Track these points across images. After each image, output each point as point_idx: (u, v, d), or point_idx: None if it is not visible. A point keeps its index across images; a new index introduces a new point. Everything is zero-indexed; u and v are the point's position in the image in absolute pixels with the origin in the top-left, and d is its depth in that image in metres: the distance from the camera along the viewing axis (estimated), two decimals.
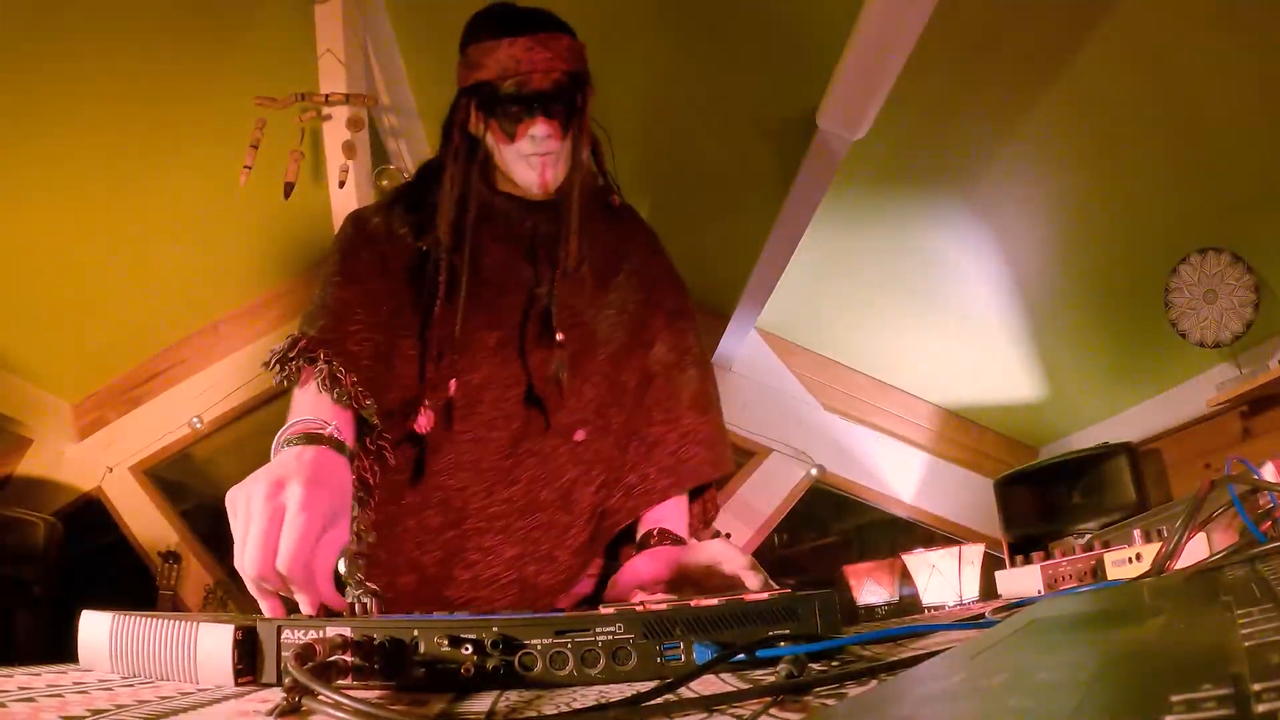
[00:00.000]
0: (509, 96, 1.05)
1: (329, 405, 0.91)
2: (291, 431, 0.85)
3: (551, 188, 1.09)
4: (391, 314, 1.07)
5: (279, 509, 0.71)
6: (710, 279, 3.24)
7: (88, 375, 3.24)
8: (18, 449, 3.20)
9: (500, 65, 1.04)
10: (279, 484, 0.73)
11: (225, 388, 3.28)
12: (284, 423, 0.87)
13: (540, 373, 1.11)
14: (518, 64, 1.04)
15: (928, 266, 2.92)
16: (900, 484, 3.62)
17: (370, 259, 1.09)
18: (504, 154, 1.09)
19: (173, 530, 3.23)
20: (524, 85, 1.04)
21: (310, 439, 0.83)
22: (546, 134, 1.04)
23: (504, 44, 1.05)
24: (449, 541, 1.05)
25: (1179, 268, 2.50)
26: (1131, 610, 0.40)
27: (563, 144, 1.07)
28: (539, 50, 1.05)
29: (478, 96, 1.08)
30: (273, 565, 0.68)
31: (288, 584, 0.68)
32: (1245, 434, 2.63)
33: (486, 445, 1.09)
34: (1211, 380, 2.62)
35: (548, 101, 1.05)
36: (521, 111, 1.05)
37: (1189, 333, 2.52)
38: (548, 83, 1.04)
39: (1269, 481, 0.74)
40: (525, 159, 1.07)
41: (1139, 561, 1.10)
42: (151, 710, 0.44)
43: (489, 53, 1.06)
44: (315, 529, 0.72)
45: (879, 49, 1.83)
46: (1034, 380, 3.24)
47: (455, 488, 1.07)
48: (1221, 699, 0.17)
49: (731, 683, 0.51)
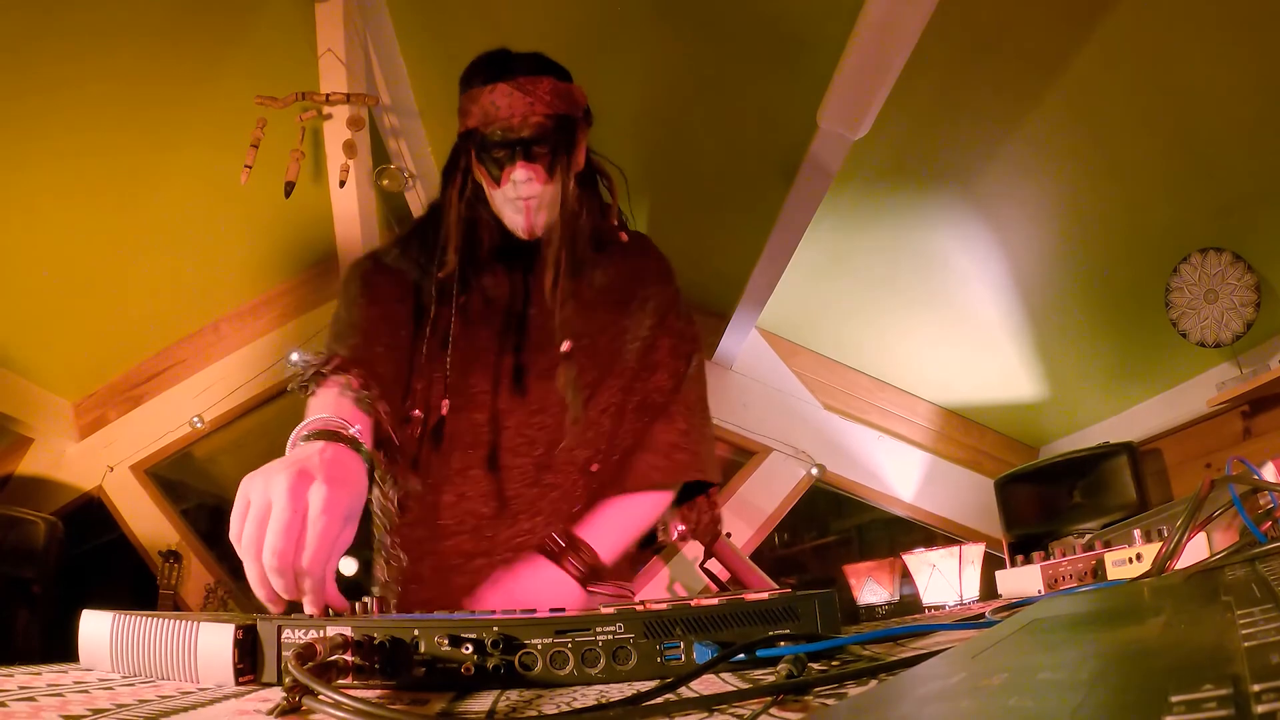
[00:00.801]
0: (492, 142, 1.08)
1: (350, 408, 0.94)
2: (311, 427, 0.86)
3: (538, 231, 1.13)
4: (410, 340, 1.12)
5: (303, 504, 0.71)
6: (711, 278, 3.25)
7: (88, 374, 3.24)
8: (18, 448, 3.21)
9: (483, 112, 1.08)
10: (303, 477, 0.73)
11: (226, 387, 3.28)
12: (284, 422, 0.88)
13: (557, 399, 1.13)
14: (498, 110, 1.07)
15: (928, 266, 2.92)
16: (900, 483, 3.62)
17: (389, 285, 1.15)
18: (494, 198, 1.13)
19: (173, 529, 3.23)
20: (505, 130, 1.07)
21: (331, 436, 0.84)
22: (527, 178, 1.07)
23: (485, 91, 1.09)
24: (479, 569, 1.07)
25: (1180, 267, 2.50)
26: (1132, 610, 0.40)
27: (547, 187, 1.10)
28: (518, 95, 1.08)
29: (470, 143, 1.12)
30: (291, 560, 0.68)
31: (300, 581, 0.68)
32: (1246, 434, 2.63)
33: (511, 472, 1.11)
34: (1212, 380, 2.62)
35: (528, 145, 1.08)
36: (504, 156, 1.08)
37: (1190, 332, 2.52)
38: (527, 128, 1.07)
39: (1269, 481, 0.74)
40: (511, 203, 1.11)
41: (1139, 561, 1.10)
42: (152, 709, 0.44)
43: (474, 100, 1.10)
44: (335, 531, 0.72)
45: (879, 49, 1.83)
46: (1034, 380, 3.24)
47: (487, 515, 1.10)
48: (1221, 699, 0.17)
49: (732, 682, 0.51)
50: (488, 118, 1.08)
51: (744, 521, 3.39)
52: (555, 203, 1.12)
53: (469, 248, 1.15)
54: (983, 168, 2.47)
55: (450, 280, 1.13)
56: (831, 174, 2.26)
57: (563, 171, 1.11)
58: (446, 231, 1.14)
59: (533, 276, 1.18)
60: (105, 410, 3.29)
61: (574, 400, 1.11)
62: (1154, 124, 2.17)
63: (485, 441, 1.12)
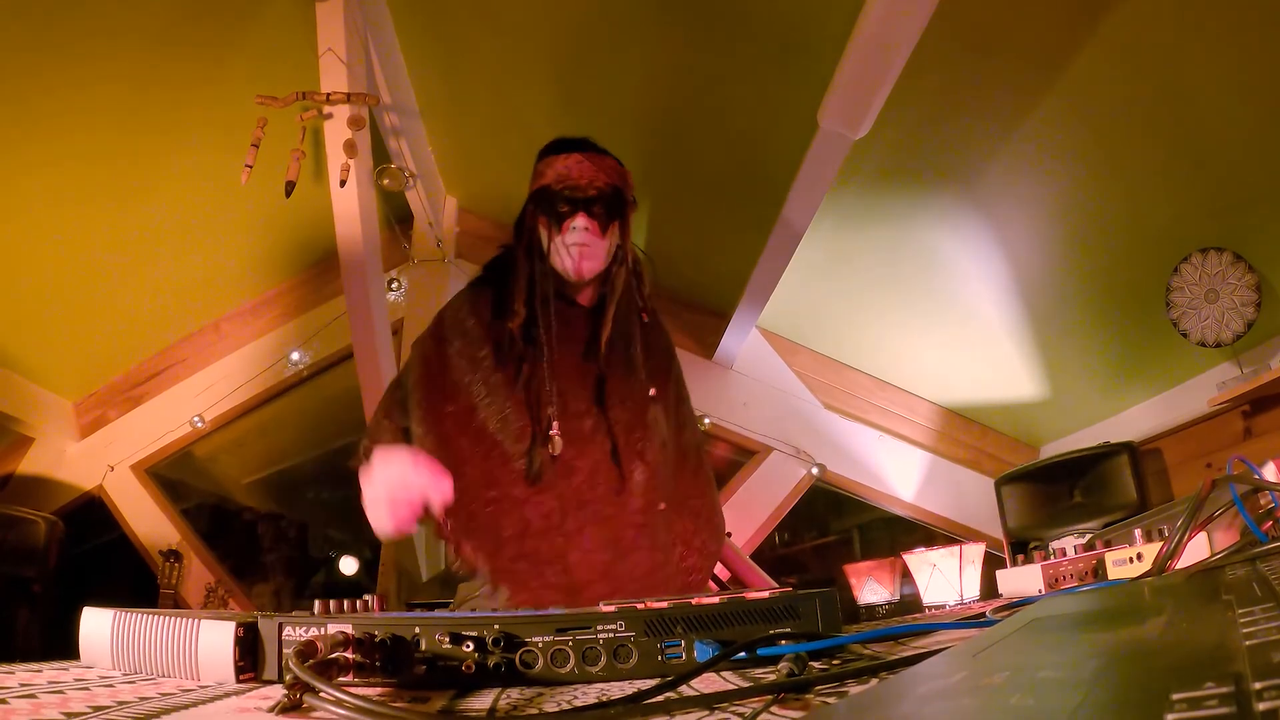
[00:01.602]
0: (558, 196, 1.32)
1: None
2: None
3: (586, 274, 1.34)
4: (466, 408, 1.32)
5: None
6: (711, 278, 3.25)
7: (89, 374, 3.24)
8: (19, 448, 3.21)
9: (556, 173, 1.33)
10: None
11: (226, 386, 3.28)
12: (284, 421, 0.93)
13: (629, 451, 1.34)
14: (569, 171, 1.33)
15: (929, 265, 2.92)
16: (901, 483, 3.62)
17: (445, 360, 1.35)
18: (552, 244, 1.34)
19: (174, 529, 3.23)
20: (572, 189, 1.32)
21: None
22: (584, 226, 1.31)
23: (561, 158, 1.35)
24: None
25: (1180, 267, 2.50)
26: (1133, 609, 0.40)
27: (599, 240, 1.33)
28: (587, 164, 1.34)
29: (539, 200, 1.34)
30: None
31: None
32: (1246, 433, 2.63)
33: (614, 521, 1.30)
34: (1213, 380, 2.62)
35: (590, 203, 1.32)
36: (568, 209, 1.32)
37: (1190, 332, 2.52)
38: (591, 189, 1.32)
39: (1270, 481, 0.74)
40: (567, 248, 1.32)
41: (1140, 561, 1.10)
42: (153, 707, 0.44)
43: (550, 165, 1.35)
44: None
45: (880, 48, 1.83)
46: (1035, 379, 3.24)
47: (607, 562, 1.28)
48: (1223, 697, 0.17)
49: (733, 681, 0.51)
50: (560, 178, 1.32)
51: (744, 521, 3.39)
52: (603, 256, 1.34)
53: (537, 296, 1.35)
54: (983, 167, 2.47)
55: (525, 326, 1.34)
56: (832, 173, 2.26)
57: (614, 233, 1.35)
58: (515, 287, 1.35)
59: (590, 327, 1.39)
60: (106, 410, 3.29)
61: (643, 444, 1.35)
62: (1155, 123, 2.17)
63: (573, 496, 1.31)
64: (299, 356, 3.30)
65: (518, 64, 2.60)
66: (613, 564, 1.27)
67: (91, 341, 3.08)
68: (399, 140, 2.73)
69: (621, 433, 1.33)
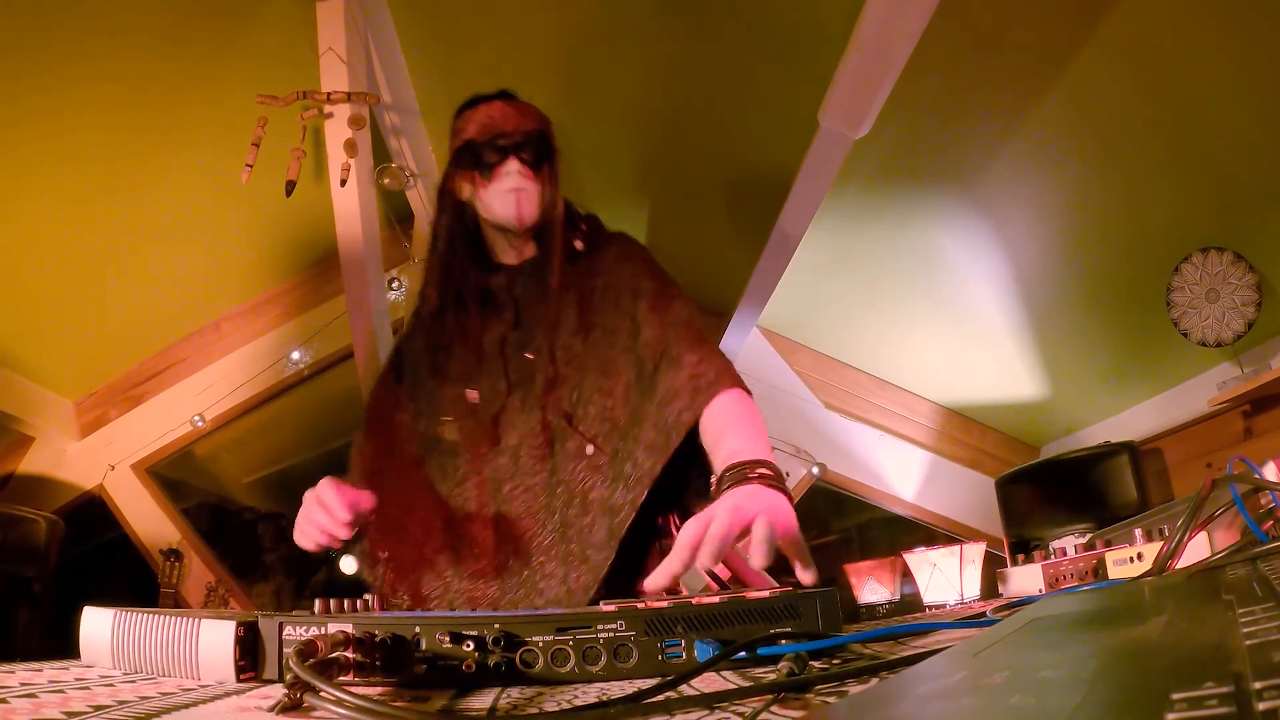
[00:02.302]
0: (486, 145, 1.28)
1: None
2: None
3: (527, 219, 1.29)
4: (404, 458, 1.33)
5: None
6: (712, 277, 3.24)
7: (89, 373, 3.24)
8: (19, 447, 3.21)
9: (479, 124, 1.30)
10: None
11: (227, 386, 3.28)
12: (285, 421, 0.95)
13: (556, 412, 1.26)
14: (493, 120, 1.30)
15: (929, 265, 2.92)
16: (901, 482, 3.61)
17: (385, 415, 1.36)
18: (484, 197, 1.29)
19: (174, 528, 3.23)
20: (499, 135, 1.28)
21: None
22: (518, 170, 1.27)
23: (481, 108, 1.32)
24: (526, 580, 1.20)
25: (1181, 267, 2.50)
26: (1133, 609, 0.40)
27: (533, 184, 1.28)
28: (510, 110, 1.31)
29: (463, 157, 1.30)
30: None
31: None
32: (1247, 433, 2.63)
33: (533, 491, 1.25)
34: (1213, 379, 2.62)
35: (519, 148, 1.28)
36: (497, 156, 1.28)
37: (1191, 332, 2.52)
38: (519, 134, 1.29)
39: (1270, 481, 0.74)
40: (502, 195, 1.28)
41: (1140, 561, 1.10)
42: (153, 706, 0.44)
43: (470, 119, 1.31)
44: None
45: (881, 47, 1.82)
46: (1035, 379, 3.24)
47: (518, 536, 1.23)
48: (1223, 697, 0.17)
49: (733, 680, 0.52)
50: (484, 128, 1.28)
51: None
52: (540, 202, 1.29)
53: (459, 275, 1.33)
54: (984, 167, 2.47)
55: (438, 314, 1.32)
56: (832, 173, 2.26)
57: (546, 175, 1.30)
58: (429, 272, 1.33)
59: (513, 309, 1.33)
60: (106, 409, 3.29)
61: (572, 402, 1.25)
62: (1155, 123, 2.17)
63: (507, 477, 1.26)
64: (299, 356, 3.30)
65: (518, 63, 2.60)
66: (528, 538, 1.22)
67: (92, 341, 3.08)
68: (400, 139, 2.73)
69: (549, 389, 1.27)
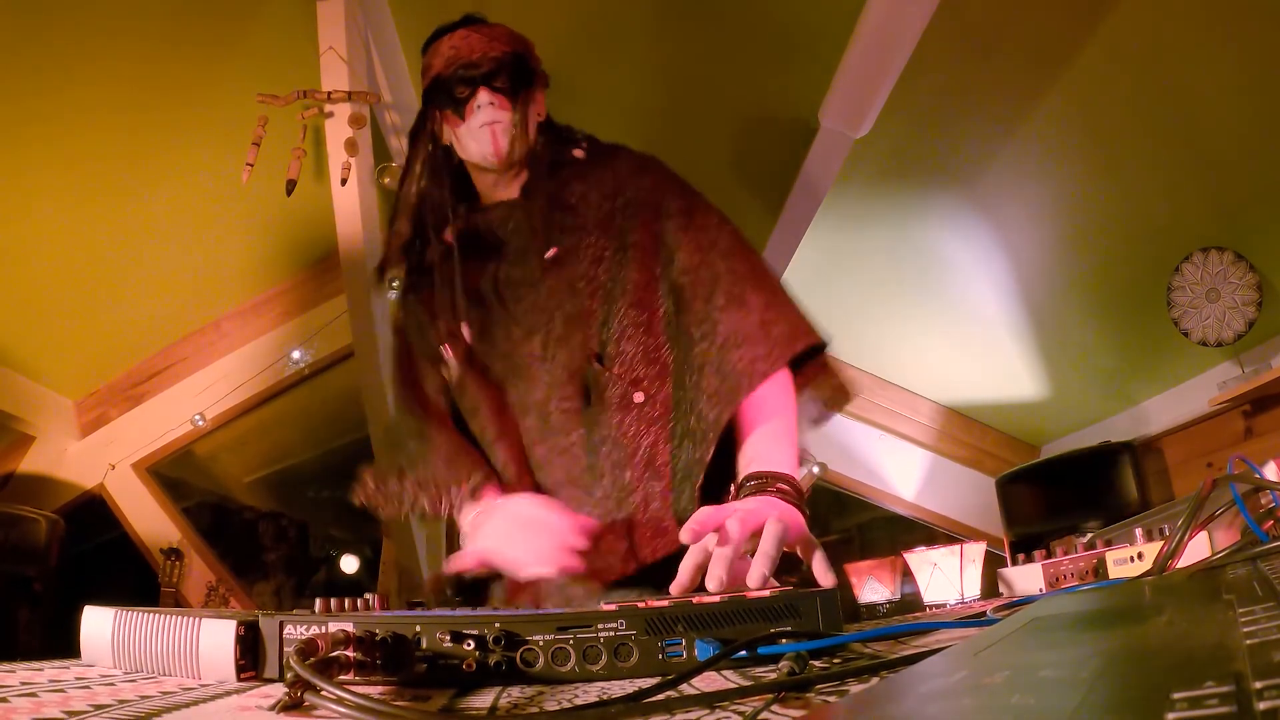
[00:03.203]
0: (454, 79, 1.13)
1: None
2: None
3: (505, 155, 1.14)
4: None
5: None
6: None
7: (90, 372, 3.24)
8: (20, 446, 3.21)
9: (444, 57, 1.15)
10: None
11: (227, 385, 3.28)
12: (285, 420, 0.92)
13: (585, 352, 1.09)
14: (457, 51, 1.14)
15: (929, 265, 2.92)
16: (902, 482, 3.61)
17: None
18: (460, 137, 1.15)
19: (175, 527, 3.23)
20: (467, 68, 1.13)
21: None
22: (489, 101, 1.12)
23: (445, 39, 1.16)
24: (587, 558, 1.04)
25: (1181, 266, 2.50)
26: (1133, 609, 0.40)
27: (510, 114, 1.13)
28: (475, 35, 1.15)
29: (434, 95, 1.16)
30: None
31: None
32: (1247, 433, 2.63)
33: (570, 453, 1.09)
34: (1214, 379, 2.62)
35: (490, 76, 1.13)
36: (467, 90, 1.13)
37: (1191, 331, 2.51)
38: (487, 62, 1.13)
39: (1271, 480, 0.74)
40: (477, 132, 1.13)
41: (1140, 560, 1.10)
42: (154, 705, 0.44)
43: (437, 51, 1.17)
44: None
45: (881, 47, 1.83)
46: (1036, 378, 3.24)
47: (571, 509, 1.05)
48: (1223, 696, 0.17)
49: (733, 679, 0.52)
50: (449, 61, 1.14)
51: None
52: (519, 133, 1.14)
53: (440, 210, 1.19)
54: (984, 167, 2.47)
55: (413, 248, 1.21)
56: (833, 172, 2.26)
57: (523, 104, 1.15)
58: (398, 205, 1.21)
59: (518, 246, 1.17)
60: (107, 408, 3.30)
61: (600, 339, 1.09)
62: (1156, 124, 2.17)
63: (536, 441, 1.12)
64: (300, 355, 3.30)
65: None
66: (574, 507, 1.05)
67: (92, 340, 3.08)
68: (400, 138, 2.73)
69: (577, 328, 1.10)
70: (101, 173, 2.49)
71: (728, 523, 0.79)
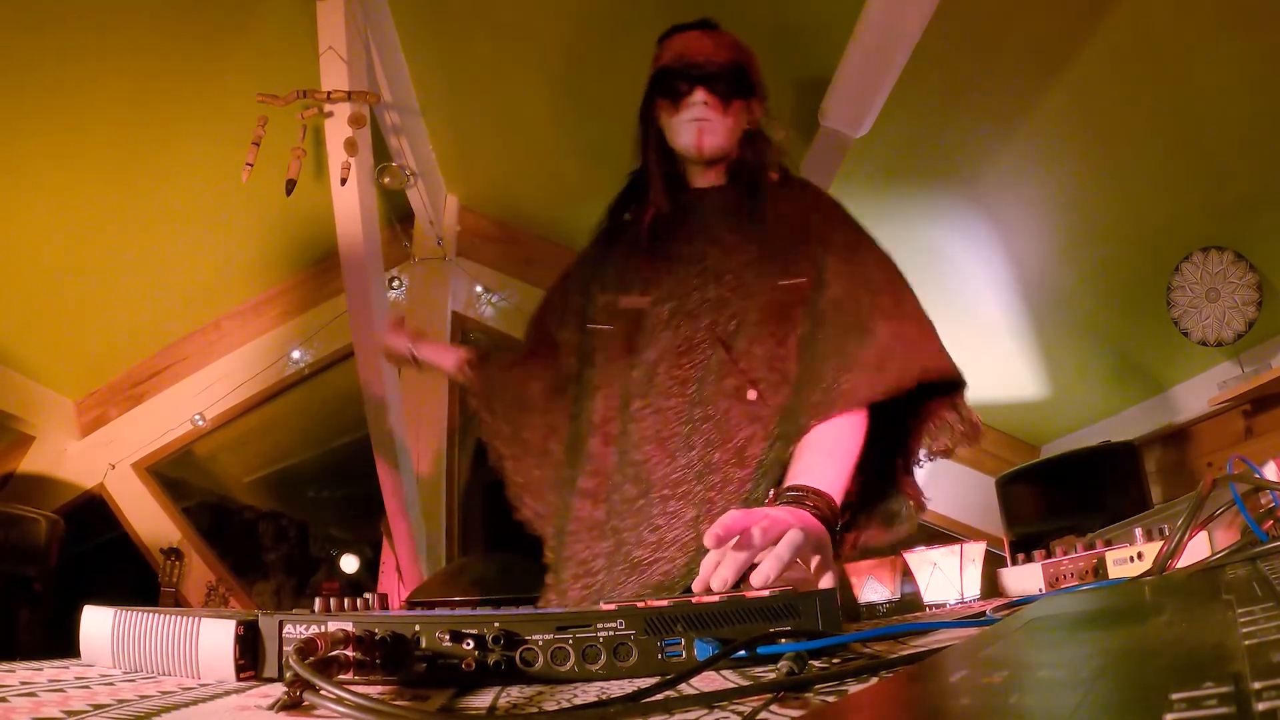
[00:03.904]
0: (676, 73, 1.26)
1: None
2: None
3: (708, 150, 1.26)
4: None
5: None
6: None
7: (90, 372, 3.24)
8: (20, 446, 3.21)
9: (673, 52, 1.28)
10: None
11: (227, 385, 3.29)
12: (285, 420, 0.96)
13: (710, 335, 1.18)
14: (686, 48, 1.27)
15: (929, 264, 2.92)
16: None
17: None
18: (671, 125, 1.28)
19: (175, 527, 3.24)
20: (690, 65, 1.25)
21: None
22: (703, 100, 1.24)
23: (678, 36, 1.30)
24: (640, 510, 1.13)
25: (1181, 266, 2.50)
26: (1133, 609, 0.40)
27: (721, 117, 1.25)
28: (705, 39, 1.28)
29: (657, 83, 1.30)
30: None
31: None
32: (1247, 433, 2.63)
33: (665, 415, 1.17)
34: (1213, 379, 2.62)
35: (709, 78, 1.25)
36: (685, 85, 1.25)
37: (1191, 331, 2.51)
38: (711, 65, 1.25)
39: (1271, 480, 0.74)
40: (685, 125, 1.25)
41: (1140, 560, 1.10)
42: (153, 705, 0.44)
43: (667, 46, 1.31)
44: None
45: (881, 47, 1.82)
46: (1036, 378, 3.24)
47: (641, 460, 1.16)
48: (1222, 697, 0.17)
49: (732, 679, 0.52)
50: (677, 56, 1.27)
51: None
52: (726, 135, 1.26)
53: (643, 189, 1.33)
54: (984, 166, 2.47)
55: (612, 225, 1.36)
56: (834, 172, 2.26)
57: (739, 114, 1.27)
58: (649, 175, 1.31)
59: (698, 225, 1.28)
60: (107, 408, 3.30)
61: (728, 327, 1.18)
62: (1156, 123, 2.17)
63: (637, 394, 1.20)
64: (300, 355, 3.30)
65: (519, 62, 2.59)
66: (650, 464, 1.14)
67: (92, 340, 3.08)
68: (400, 138, 2.73)
69: (708, 311, 1.19)
70: (102, 173, 2.49)
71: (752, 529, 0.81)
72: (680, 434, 1.15)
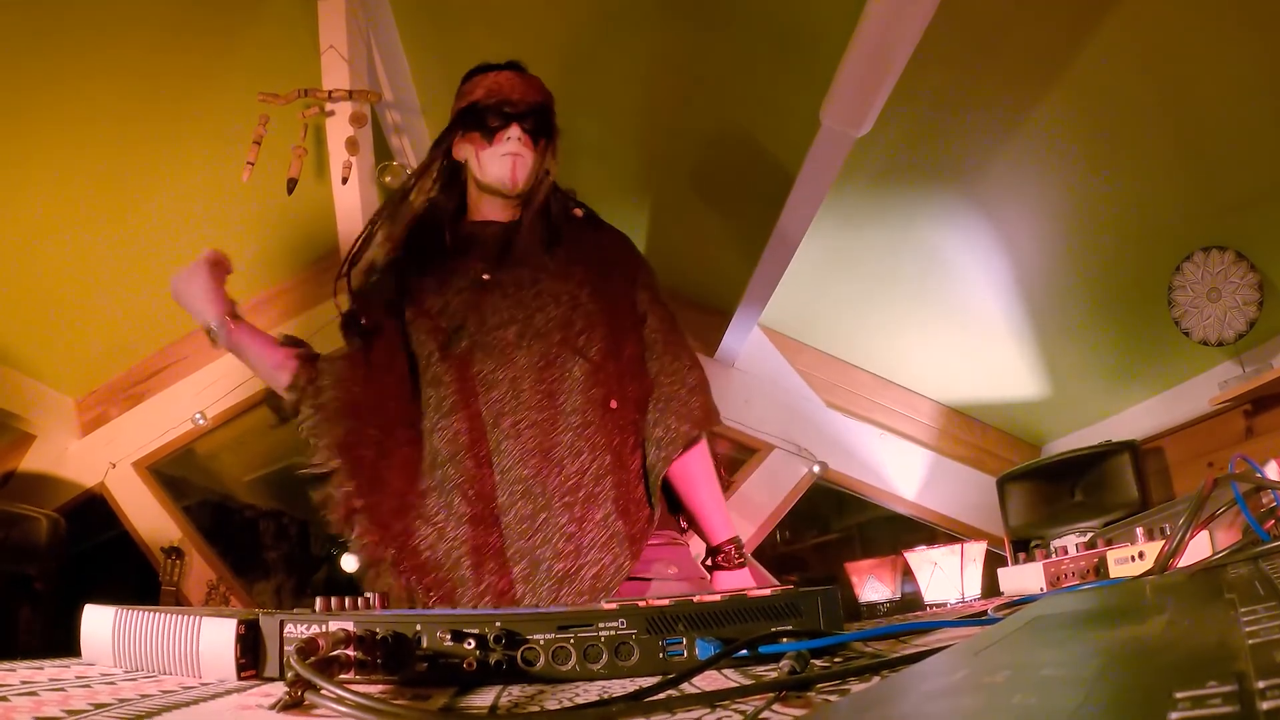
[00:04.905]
0: (490, 109, 1.33)
1: None
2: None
3: (521, 184, 1.34)
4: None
5: None
6: (713, 276, 3.24)
7: (90, 371, 3.24)
8: (20, 445, 3.21)
9: (486, 89, 1.35)
10: None
11: (228, 384, 3.28)
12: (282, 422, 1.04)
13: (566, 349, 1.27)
14: (500, 87, 1.34)
15: (931, 264, 2.92)
16: (902, 481, 3.61)
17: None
18: (482, 159, 1.34)
19: (175, 526, 3.23)
20: (504, 102, 1.33)
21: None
22: (519, 136, 1.33)
23: (490, 75, 1.37)
24: (544, 524, 1.16)
25: (1182, 266, 2.50)
26: (1134, 608, 0.40)
27: (531, 153, 1.34)
28: (518, 79, 1.36)
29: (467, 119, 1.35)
30: None
31: None
32: (1248, 433, 2.62)
33: (542, 428, 1.22)
34: (1214, 378, 2.62)
35: (522, 115, 1.34)
36: (500, 121, 1.33)
37: (1192, 331, 2.51)
38: (524, 104, 1.34)
39: (1272, 480, 0.74)
40: (500, 158, 1.33)
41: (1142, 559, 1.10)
42: (154, 704, 0.44)
43: (479, 83, 1.37)
44: None
45: (882, 45, 1.82)
46: (1037, 378, 3.24)
47: (530, 475, 1.19)
48: (1226, 695, 0.17)
49: (734, 678, 0.52)
50: (491, 93, 1.33)
51: (746, 519, 3.39)
52: (534, 171, 1.35)
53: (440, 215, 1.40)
54: (986, 165, 2.47)
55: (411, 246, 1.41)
56: (834, 171, 2.26)
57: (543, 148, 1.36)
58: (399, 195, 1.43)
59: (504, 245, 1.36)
60: (107, 407, 3.30)
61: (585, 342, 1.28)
62: (1157, 122, 2.17)
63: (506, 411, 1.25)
64: None
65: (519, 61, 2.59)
66: (540, 477, 1.18)
67: (93, 338, 3.08)
68: (401, 137, 2.73)
69: (557, 329, 1.27)
70: (102, 171, 2.49)
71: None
72: (564, 442, 1.21)
